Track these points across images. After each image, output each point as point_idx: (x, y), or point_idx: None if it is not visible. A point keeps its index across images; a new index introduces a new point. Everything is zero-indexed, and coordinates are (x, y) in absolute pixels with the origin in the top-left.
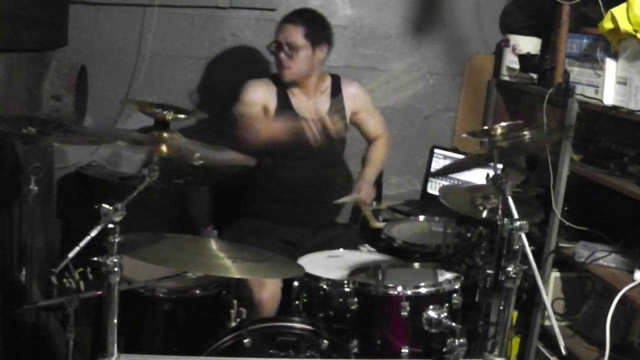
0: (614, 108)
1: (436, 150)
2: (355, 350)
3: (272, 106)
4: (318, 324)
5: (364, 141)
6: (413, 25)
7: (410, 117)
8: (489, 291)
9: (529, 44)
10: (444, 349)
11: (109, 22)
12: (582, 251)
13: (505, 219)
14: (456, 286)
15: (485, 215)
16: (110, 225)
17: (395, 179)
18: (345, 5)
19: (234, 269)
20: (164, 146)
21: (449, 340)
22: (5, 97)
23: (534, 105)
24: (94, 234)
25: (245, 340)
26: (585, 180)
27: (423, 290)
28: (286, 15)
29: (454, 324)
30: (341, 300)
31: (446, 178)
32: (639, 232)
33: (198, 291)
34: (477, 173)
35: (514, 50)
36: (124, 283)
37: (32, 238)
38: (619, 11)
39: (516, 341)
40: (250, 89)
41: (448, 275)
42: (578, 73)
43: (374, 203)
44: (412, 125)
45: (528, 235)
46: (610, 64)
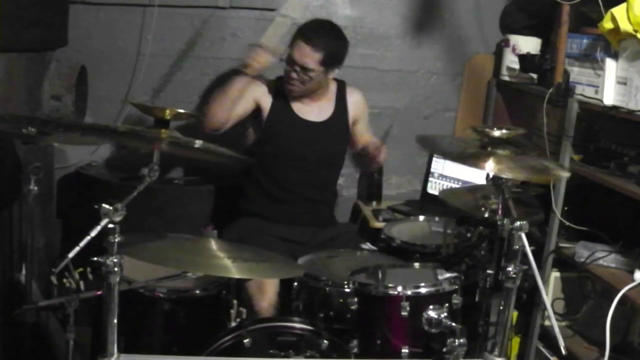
0: (614, 108)
1: None
2: (355, 350)
3: (266, 105)
4: (318, 324)
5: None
6: (413, 25)
7: (410, 117)
8: (489, 291)
9: (529, 44)
10: (444, 349)
11: (109, 22)
12: (582, 251)
13: (505, 219)
14: (456, 286)
15: (485, 215)
16: (110, 225)
17: (395, 179)
18: (345, 5)
19: (234, 269)
20: (164, 145)
21: (449, 340)
22: (5, 97)
23: (534, 105)
24: (94, 234)
25: (245, 340)
26: (585, 180)
27: (423, 290)
28: (306, 29)
29: (454, 324)
30: (341, 300)
31: (446, 179)
32: (639, 232)
33: (198, 291)
34: (477, 173)
35: (514, 50)
36: (124, 283)
37: (32, 238)
38: (619, 11)
39: (516, 341)
40: (243, 81)
41: (448, 275)
42: (578, 73)
43: (374, 203)
44: (412, 125)
45: (528, 235)
46: (610, 64)
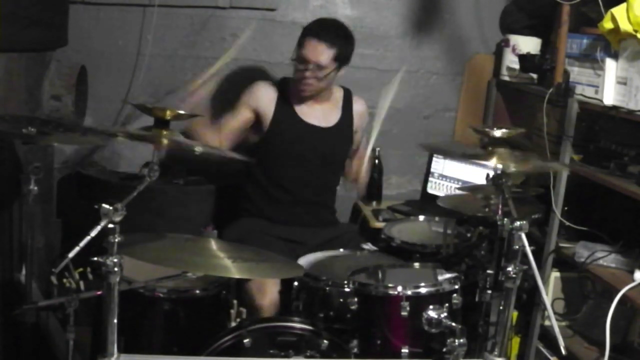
0: (614, 108)
1: None
2: (355, 350)
3: (269, 111)
4: (318, 324)
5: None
6: (413, 25)
7: (410, 117)
8: (489, 291)
9: (529, 44)
10: (444, 349)
11: (109, 22)
12: (582, 251)
13: (505, 219)
14: (456, 286)
15: (485, 215)
16: (110, 225)
17: (395, 179)
18: (345, 5)
19: (234, 269)
20: (164, 145)
21: (449, 340)
22: (5, 97)
23: (534, 105)
24: (94, 234)
25: (245, 340)
26: (585, 180)
27: (423, 290)
28: (316, 27)
29: (454, 324)
30: (341, 300)
31: (446, 179)
32: (639, 232)
33: (198, 291)
34: (477, 173)
35: (514, 50)
36: (124, 283)
37: (32, 238)
38: (619, 11)
39: (516, 341)
40: (244, 92)
41: (448, 275)
42: (578, 73)
43: (374, 203)
44: (412, 125)
45: (528, 235)
46: (610, 64)
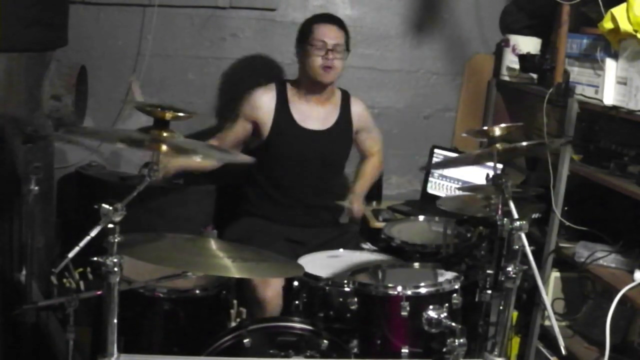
0: (614, 108)
1: (436, 150)
2: (355, 350)
3: (268, 119)
4: (318, 324)
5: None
6: (413, 25)
7: (410, 117)
8: (489, 291)
9: (529, 44)
10: (444, 349)
11: (109, 22)
12: (582, 251)
13: (505, 219)
14: (456, 286)
15: (485, 215)
16: (110, 225)
17: (395, 179)
18: (345, 5)
19: (234, 269)
20: (164, 145)
21: (449, 340)
22: (5, 97)
23: (534, 105)
24: (94, 234)
25: (245, 340)
26: (585, 180)
27: (423, 290)
28: (319, 15)
29: (454, 324)
30: (341, 300)
31: (446, 179)
32: (639, 232)
33: (198, 291)
34: (477, 173)
35: (514, 50)
36: (124, 283)
37: (32, 238)
38: (619, 11)
39: (516, 341)
40: (242, 102)
41: (448, 275)
42: (578, 73)
43: (374, 203)
44: (412, 125)
45: (528, 235)
46: (610, 64)
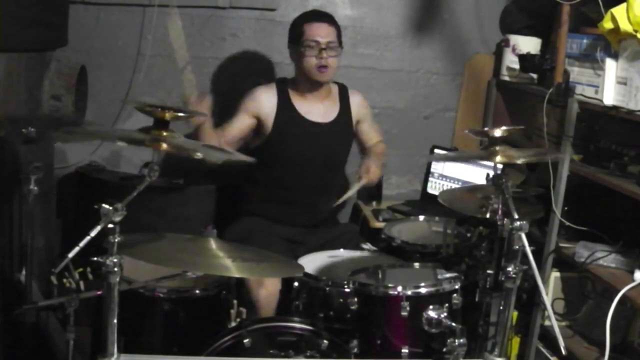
0: (614, 108)
1: (436, 150)
2: (355, 350)
3: (270, 115)
4: (318, 324)
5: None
6: (413, 25)
7: (410, 117)
8: (489, 291)
9: (529, 44)
10: (444, 349)
11: (109, 22)
12: (582, 251)
13: (505, 219)
14: (456, 286)
15: (485, 215)
16: (110, 225)
17: (395, 179)
18: (345, 5)
19: (234, 269)
20: (164, 145)
21: (449, 340)
22: (5, 97)
23: (534, 105)
24: (94, 234)
25: (245, 340)
26: (585, 180)
27: (423, 290)
28: (309, 14)
29: (454, 324)
30: (341, 300)
31: (446, 179)
32: (639, 232)
33: (198, 291)
34: (477, 173)
35: (514, 50)
36: (124, 283)
37: (32, 238)
38: (619, 11)
39: (516, 341)
40: (244, 99)
41: (448, 275)
42: (578, 73)
43: (374, 203)
44: (412, 125)
45: (528, 235)
46: (610, 64)
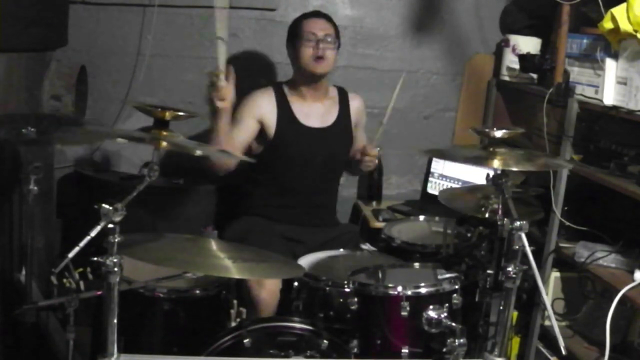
0: (614, 108)
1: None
2: (355, 350)
3: (272, 120)
4: (318, 324)
5: None
6: (413, 25)
7: (410, 117)
8: (489, 291)
9: (529, 44)
10: (444, 349)
11: (109, 22)
12: (582, 251)
13: (505, 219)
14: (456, 286)
15: (485, 215)
16: (110, 225)
17: (395, 179)
18: (345, 5)
19: (234, 269)
20: (164, 145)
21: (449, 340)
22: (5, 97)
23: (534, 105)
24: (94, 234)
25: (245, 340)
26: (585, 180)
27: (423, 290)
28: (308, 13)
29: (454, 324)
30: (341, 300)
31: (446, 179)
32: (639, 232)
33: (198, 291)
34: (477, 173)
35: (514, 50)
36: (124, 283)
37: (32, 238)
38: (619, 11)
39: (516, 341)
40: (245, 104)
41: (448, 275)
42: (578, 73)
43: (374, 203)
44: (412, 125)
45: (528, 235)
46: (610, 64)
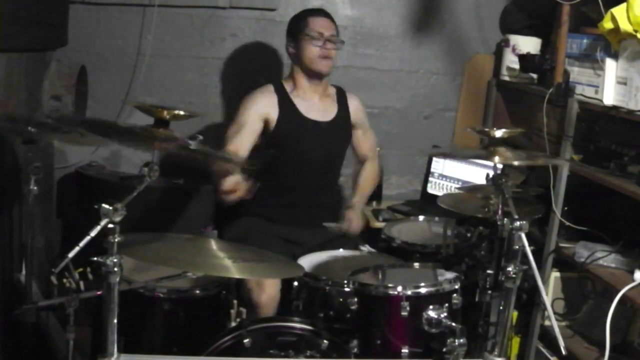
0: (614, 108)
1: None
2: (355, 350)
3: (274, 115)
4: (318, 324)
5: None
6: (413, 25)
7: (410, 117)
8: (489, 291)
9: (529, 44)
10: (444, 349)
11: (109, 22)
12: (582, 251)
13: (505, 219)
14: (456, 286)
15: (485, 215)
16: (110, 225)
17: (395, 179)
18: (345, 5)
19: (234, 269)
20: (164, 145)
21: (449, 340)
22: (5, 97)
23: (534, 105)
24: (94, 234)
25: (245, 340)
26: (585, 180)
27: (423, 290)
28: (313, 10)
29: (454, 324)
30: (341, 300)
31: (446, 179)
32: (639, 232)
33: (198, 291)
34: (477, 173)
35: (514, 50)
36: (124, 283)
37: (32, 238)
38: (619, 11)
39: (516, 341)
40: (246, 106)
41: (448, 275)
42: (578, 73)
43: (374, 203)
44: (412, 125)
45: (528, 235)
46: (610, 64)
